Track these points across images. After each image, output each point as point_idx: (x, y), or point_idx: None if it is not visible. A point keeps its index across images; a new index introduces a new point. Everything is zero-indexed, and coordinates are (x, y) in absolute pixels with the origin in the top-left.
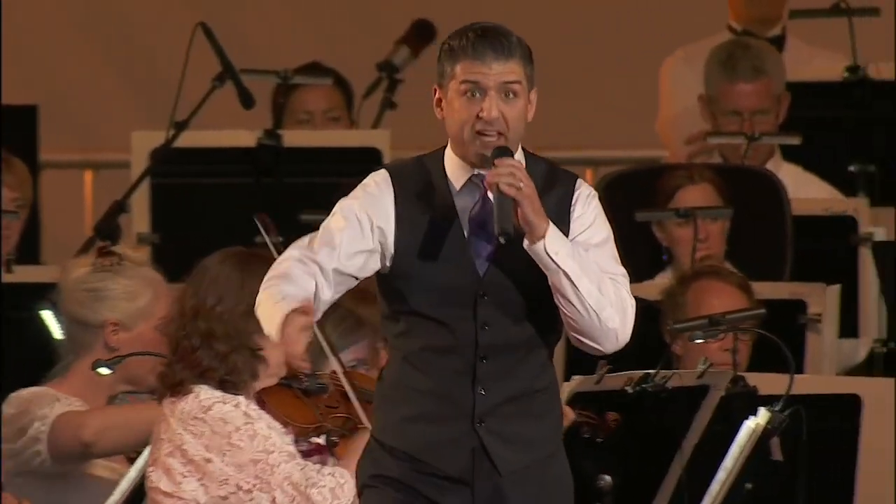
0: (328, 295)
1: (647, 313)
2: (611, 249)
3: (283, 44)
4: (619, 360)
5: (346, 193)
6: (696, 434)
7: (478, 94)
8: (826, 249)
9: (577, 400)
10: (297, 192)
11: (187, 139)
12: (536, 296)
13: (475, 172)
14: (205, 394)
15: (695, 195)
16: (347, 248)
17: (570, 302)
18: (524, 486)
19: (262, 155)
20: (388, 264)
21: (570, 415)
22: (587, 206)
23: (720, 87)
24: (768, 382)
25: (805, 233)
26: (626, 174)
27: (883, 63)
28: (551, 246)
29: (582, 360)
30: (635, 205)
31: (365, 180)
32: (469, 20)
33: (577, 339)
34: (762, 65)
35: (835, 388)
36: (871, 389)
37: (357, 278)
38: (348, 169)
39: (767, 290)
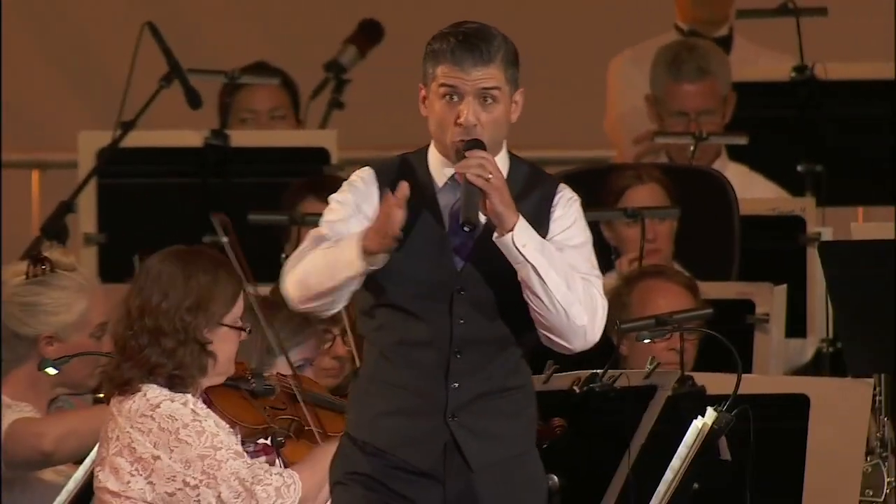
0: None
1: None
2: (588, 253)
3: (231, 44)
4: (566, 359)
5: (293, 193)
6: (644, 434)
7: (456, 98)
8: (774, 249)
9: None
10: (244, 192)
11: (134, 139)
12: (513, 294)
13: (454, 171)
14: (152, 392)
15: (643, 195)
16: (358, 230)
17: (537, 296)
18: (496, 482)
19: (210, 155)
20: None
21: None
22: (568, 208)
23: (666, 88)
24: (716, 382)
25: (753, 233)
26: (574, 174)
27: (830, 63)
28: (519, 238)
29: (531, 361)
30: (584, 205)
31: (351, 177)
32: (417, 20)
33: (547, 336)
34: (707, 65)
35: (782, 387)
36: (818, 389)
37: None
38: (296, 169)
39: (715, 289)
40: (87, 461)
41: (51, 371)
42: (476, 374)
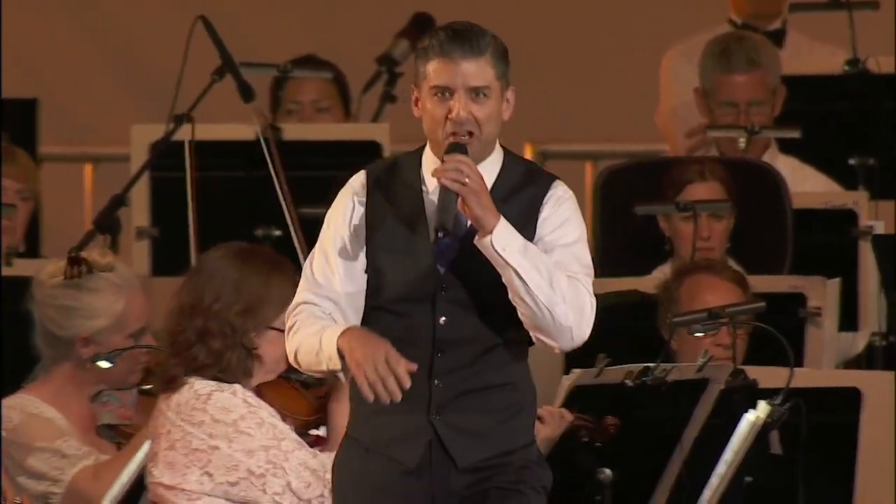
0: (354, 318)
1: (643, 307)
2: (579, 250)
3: (283, 37)
4: (614, 353)
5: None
6: (696, 427)
7: (447, 94)
8: (826, 243)
9: (576, 394)
10: (296, 185)
11: (187, 132)
12: (496, 294)
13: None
14: (199, 384)
15: (702, 192)
16: (343, 271)
17: (521, 298)
18: (483, 480)
19: (262, 148)
20: (365, 260)
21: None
22: (557, 207)
23: (715, 79)
24: (768, 376)
25: (805, 226)
26: (627, 167)
27: (882, 56)
28: (499, 242)
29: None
30: (636, 198)
31: (347, 184)
32: (468, 13)
33: (535, 335)
34: (757, 57)
35: (834, 381)
36: (870, 382)
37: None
38: (348, 162)
39: (767, 283)
40: (139, 456)
41: (104, 364)
42: (459, 372)
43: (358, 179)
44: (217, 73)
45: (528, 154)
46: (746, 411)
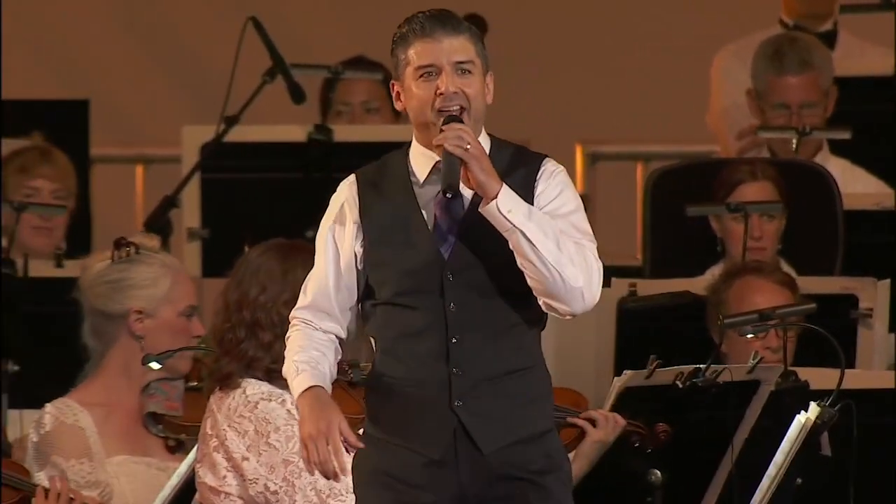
0: (353, 325)
1: (694, 308)
2: (578, 219)
3: (332, 39)
4: (666, 354)
5: None
6: (747, 428)
7: (434, 75)
8: (877, 244)
9: (626, 395)
10: None
11: (238, 134)
12: (504, 275)
13: (439, 160)
14: (251, 388)
15: (755, 191)
16: (336, 283)
17: (530, 262)
18: (509, 466)
19: (313, 150)
20: (360, 263)
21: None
22: (551, 180)
23: (767, 81)
24: (819, 377)
25: (856, 227)
26: (678, 168)
27: None
28: (504, 205)
29: (631, 356)
30: (687, 199)
31: (337, 189)
32: (519, 14)
33: (546, 302)
34: (809, 58)
35: (886, 383)
36: None
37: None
38: None
39: (818, 284)
40: (190, 457)
41: (154, 366)
42: (476, 358)
43: (347, 183)
44: (268, 74)
45: (578, 156)
46: (797, 413)
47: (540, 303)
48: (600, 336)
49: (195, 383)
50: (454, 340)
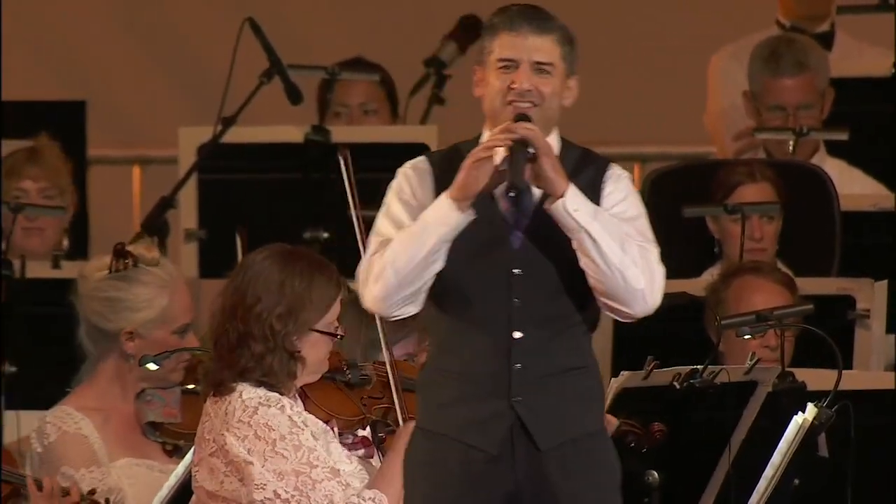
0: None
1: (691, 309)
2: (642, 225)
3: (330, 40)
4: (663, 355)
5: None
6: (744, 429)
7: (512, 69)
8: (874, 244)
9: (624, 396)
10: (344, 187)
11: (235, 135)
12: (570, 273)
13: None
14: (248, 393)
15: (753, 193)
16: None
17: (593, 261)
18: (565, 462)
19: (310, 151)
20: None
21: (612, 421)
22: (618, 182)
23: (764, 82)
24: (816, 378)
25: (853, 228)
26: (675, 170)
27: None
28: (571, 203)
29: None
30: (683, 200)
31: (403, 168)
32: None
33: (606, 303)
34: (806, 60)
35: (883, 383)
36: None
37: None
38: (396, 165)
39: (815, 285)
40: (187, 459)
41: (151, 367)
42: (538, 354)
43: (419, 161)
44: (265, 75)
45: None
46: (794, 414)
47: (600, 303)
48: (597, 337)
49: (192, 386)
50: (517, 335)
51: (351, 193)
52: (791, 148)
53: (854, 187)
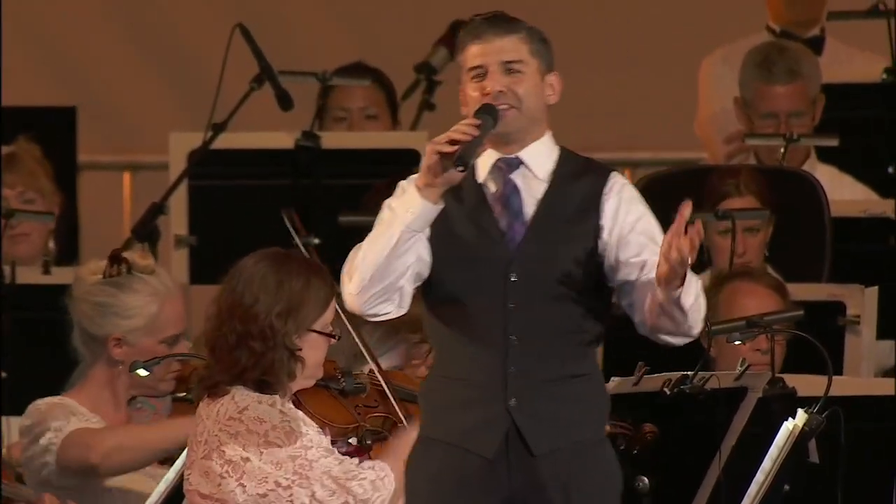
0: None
1: None
2: (658, 233)
3: (322, 45)
4: (653, 361)
5: (378, 194)
6: (734, 435)
7: (482, 76)
8: (865, 251)
9: (614, 402)
10: (335, 193)
11: (225, 141)
12: (567, 280)
13: (499, 157)
14: (240, 395)
15: (738, 206)
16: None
17: (671, 319)
18: (560, 469)
19: (301, 156)
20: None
21: None
22: (626, 197)
23: (756, 90)
24: (806, 384)
25: (843, 234)
26: (666, 175)
27: None
28: (686, 298)
29: (620, 362)
30: (674, 206)
31: (401, 182)
32: None
33: (656, 336)
34: (798, 67)
35: (873, 389)
36: None
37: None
38: (387, 170)
39: (806, 291)
40: (178, 463)
41: (142, 372)
42: (535, 360)
43: (414, 177)
44: (256, 81)
45: None
46: (785, 420)
47: (647, 332)
48: None
49: (184, 394)
50: (513, 339)
51: (308, 253)
52: (782, 154)
53: (844, 193)
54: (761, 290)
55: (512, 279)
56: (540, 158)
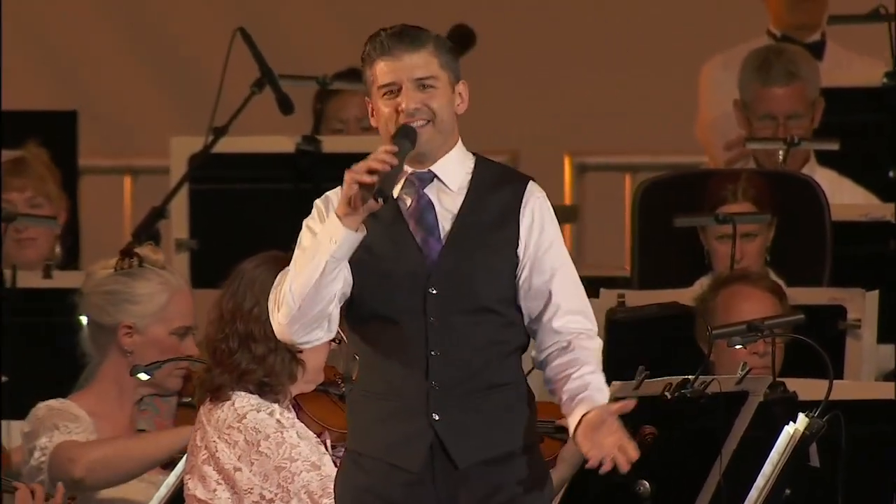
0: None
1: (682, 319)
2: (563, 252)
3: (323, 49)
4: (654, 365)
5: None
6: (735, 439)
7: (395, 93)
8: (865, 255)
9: None
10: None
11: (226, 145)
12: (487, 292)
13: (410, 171)
14: (241, 401)
15: (735, 211)
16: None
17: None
18: (484, 482)
19: (301, 161)
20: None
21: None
22: (537, 211)
23: (754, 92)
24: (807, 388)
25: (844, 238)
26: (666, 179)
27: None
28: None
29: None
30: (674, 210)
31: (317, 202)
32: (507, 25)
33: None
34: (796, 69)
35: (874, 393)
36: None
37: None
38: None
39: (807, 295)
40: (179, 467)
41: (143, 376)
42: (456, 372)
43: (332, 193)
44: (256, 85)
45: (566, 166)
46: (786, 424)
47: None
48: None
49: (189, 399)
50: (434, 353)
51: None
52: (782, 158)
53: (845, 197)
54: (759, 294)
55: (431, 292)
56: (453, 170)
